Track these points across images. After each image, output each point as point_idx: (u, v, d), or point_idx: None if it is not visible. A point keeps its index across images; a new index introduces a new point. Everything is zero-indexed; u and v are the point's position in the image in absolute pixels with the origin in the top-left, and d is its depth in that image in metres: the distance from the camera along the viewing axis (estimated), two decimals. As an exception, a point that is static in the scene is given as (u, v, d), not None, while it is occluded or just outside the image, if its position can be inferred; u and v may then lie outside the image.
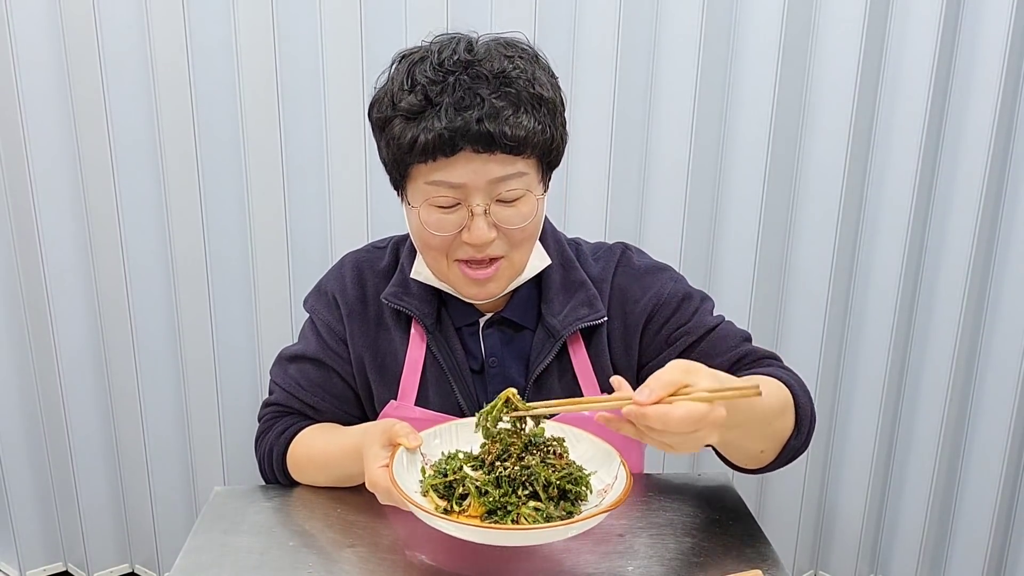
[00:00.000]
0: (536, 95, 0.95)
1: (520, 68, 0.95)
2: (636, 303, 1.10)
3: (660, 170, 1.69)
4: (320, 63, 1.60)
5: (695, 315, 1.09)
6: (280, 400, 1.16)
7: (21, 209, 1.68)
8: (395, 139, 0.95)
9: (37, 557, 1.92)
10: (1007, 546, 1.80)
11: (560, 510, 0.85)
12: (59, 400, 1.78)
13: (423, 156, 0.93)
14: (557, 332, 1.07)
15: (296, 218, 1.70)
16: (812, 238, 1.72)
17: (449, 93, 0.92)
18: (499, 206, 0.97)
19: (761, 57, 1.61)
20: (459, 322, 1.10)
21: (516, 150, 0.94)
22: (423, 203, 0.97)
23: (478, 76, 0.93)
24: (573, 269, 1.10)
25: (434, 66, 0.94)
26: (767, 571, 0.92)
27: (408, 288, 1.09)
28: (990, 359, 1.72)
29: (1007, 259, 1.66)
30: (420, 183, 0.97)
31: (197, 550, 0.98)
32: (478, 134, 0.91)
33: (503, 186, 0.95)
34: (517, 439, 0.88)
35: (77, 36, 1.57)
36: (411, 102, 0.93)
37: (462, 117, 0.91)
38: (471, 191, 0.95)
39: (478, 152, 0.93)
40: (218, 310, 1.74)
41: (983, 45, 1.56)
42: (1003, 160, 1.62)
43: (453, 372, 1.08)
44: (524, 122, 0.93)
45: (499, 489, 0.84)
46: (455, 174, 0.94)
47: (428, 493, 0.88)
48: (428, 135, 0.92)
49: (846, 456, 1.86)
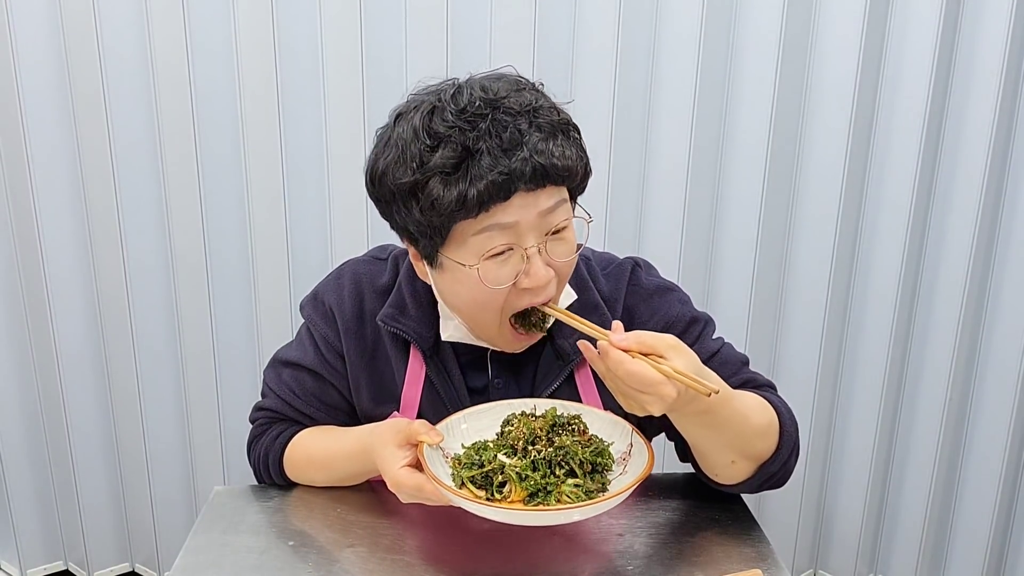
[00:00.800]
0: (563, 120, 0.92)
1: (538, 98, 0.92)
2: (643, 325, 1.07)
3: (660, 170, 1.69)
4: (320, 63, 1.60)
5: (699, 339, 1.09)
6: (274, 406, 1.14)
7: (21, 208, 1.68)
8: (435, 202, 0.86)
9: (37, 556, 1.92)
10: (1007, 546, 1.81)
11: (596, 483, 0.88)
12: (59, 399, 1.79)
13: (476, 209, 0.86)
14: (567, 356, 1.04)
15: (296, 218, 1.70)
16: (812, 237, 1.72)
17: (487, 138, 0.86)
18: (550, 242, 0.93)
19: (761, 57, 1.61)
20: (463, 352, 1.07)
21: (565, 180, 0.91)
22: (480, 260, 0.90)
23: (511, 113, 0.88)
24: (588, 291, 1.07)
25: (455, 113, 0.87)
26: (767, 571, 0.92)
27: (405, 310, 1.05)
28: (990, 359, 1.72)
29: (1007, 258, 1.66)
30: (468, 239, 0.89)
31: (197, 549, 0.98)
32: (533, 172, 0.86)
33: (552, 218, 0.91)
34: (542, 422, 0.91)
35: (77, 36, 1.57)
36: (446, 156, 0.86)
37: (514, 157, 0.86)
38: (523, 230, 0.90)
39: (529, 190, 0.88)
40: (218, 310, 1.75)
41: (983, 44, 1.56)
42: (1003, 159, 1.62)
43: (450, 396, 1.07)
44: (566, 151, 0.90)
45: (537, 472, 0.87)
46: (507, 215, 0.88)
47: (464, 486, 0.89)
48: (479, 186, 0.85)
49: (845, 456, 1.86)
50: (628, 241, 1.72)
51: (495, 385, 1.07)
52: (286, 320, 1.74)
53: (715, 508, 1.06)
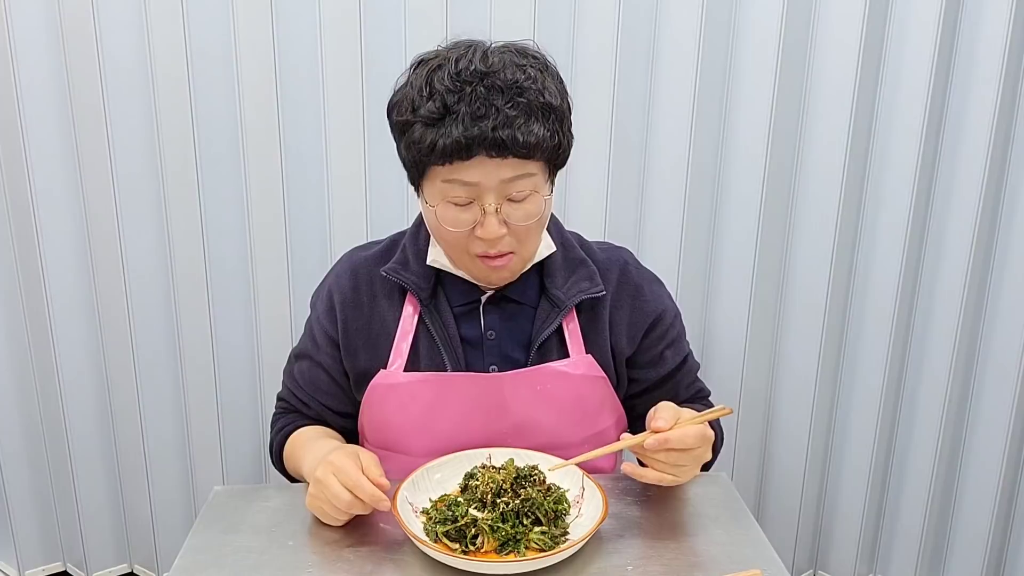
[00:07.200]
0: (546, 104, 1.02)
1: (532, 78, 1.02)
2: (646, 302, 1.20)
3: (659, 170, 1.69)
4: (319, 64, 1.60)
5: (679, 337, 1.25)
6: (284, 396, 1.27)
7: (20, 211, 1.68)
8: (415, 143, 1.02)
9: (36, 557, 1.92)
10: (1006, 545, 1.81)
11: (559, 528, 0.97)
12: (58, 400, 1.78)
13: (441, 159, 1.00)
14: (561, 302, 1.14)
15: (295, 219, 1.70)
16: (811, 237, 1.72)
17: (466, 103, 0.98)
18: (509, 205, 1.04)
19: (760, 57, 1.61)
20: (457, 301, 1.16)
21: (527, 155, 1.01)
22: (440, 202, 1.04)
23: (493, 87, 0.99)
24: (572, 249, 1.19)
25: (451, 75, 1.00)
26: (767, 571, 0.92)
27: (407, 265, 1.16)
28: (989, 359, 1.72)
29: (1006, 258, 1.67)
30: (437, 182, 1.04)
31: (196, 550, 0.98)
32: (492, 141, 0.98)
33: (513, 186, 1.03)
34: (505, 474, 0.99)
35: (76, 38, 1.57)
36: (430, 109, 0.99)
37: (478, 126, 0.98)
38: (484, 190, 1.02)
39: (491, 156, 1.00)
40: (217, 310, 1.74)
41: (982, 44, 1.56)
42: (1002, 159, 1.62)
43: (444, 343, 1.14)
44: (535, 130, 1.00)
45: (507, 523, 0.94)
46: (470, 175, 1.01)
47: (438, 540, 0.95)
48: (447, 140, 0.98)
49: (845, 456, 1.87)
50: (628, 241, 1.71)
51: (488, 337, 1.15)
52: (286, 321, 1.74)
53: (715, 508, 1.06)
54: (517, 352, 1.15)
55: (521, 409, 1.13)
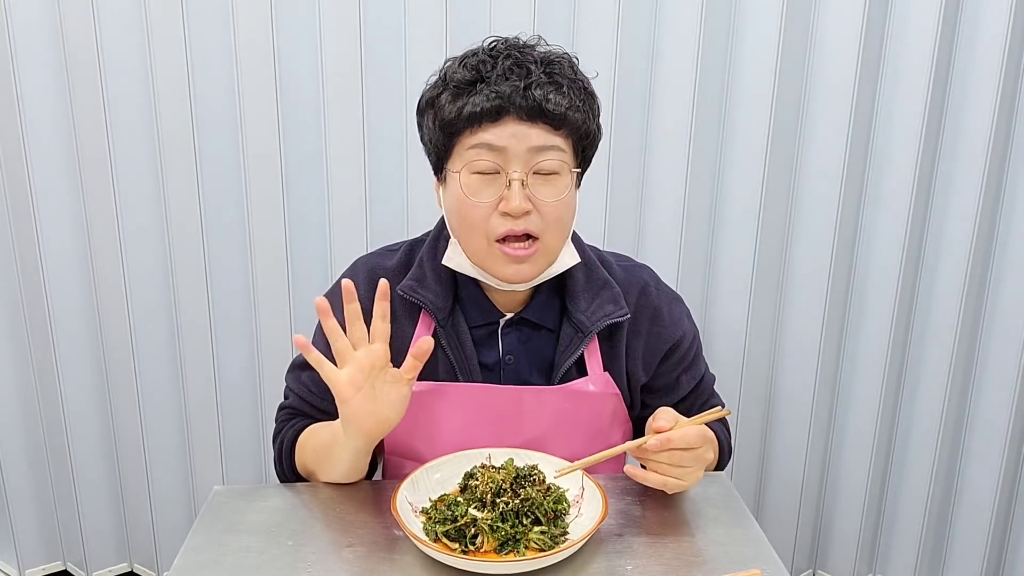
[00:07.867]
0: (579, 81, 1.03)
1: (562, 59, 1.03)
2: (664, 327, 1.16)
3: (659, 170, 1.69)
4: (319, 65, 1.60)
5: (693, 362, 1.21)
6: (293, 404, 1.20)
7: (20, 210, 1.68)
8: (442, 110, 1.01)
9: (36, 556, 1.92)
10: (1006, 545, 1.81)
11: (559, 528, 0.96)
12: (58, 399, 1.79)
13: (470, 122, 0.99)
14: (585, 327, 1.10)
15: (295, 219, 1.70)
16: (811, 237, 1.72)
17: (498, 69, 0.99)
18: (536, 180, 1.01)
19: (760, 57, 1.61)
20: (475, 321, 1.12)
21: (556, 123, 1.00)
22: (463, 168, 1.01)
23: (528, 57, 1.00)
24: (595, 269, 1.14)
25: (485, 51, 1.02)
26: (767, 571, 0.92)
27: (424, 282, 1.11)
28: (989, 358, 1.73)
29: (1006, 258, 1.67)
30: (463, 150, 1.01)
31: (196, 550, 0.98)
32: (523, 101, 0.97)
33: (541, 156, 1.00)
34: (505, 474, 0.99)
35: (76, 39, 1.57)
36: (463, 75, 1.00)
37: (510, 84, 0.97)
38: (511, 157, 0.99)
39: (521, 120, 0.98)
40: (217, 310, 1.74)
41: (982, 44, 1.56)
42: (1002, 159, 1.62)
43: (460, 364, 1.10)
44: (565, 100, 0.99)
45: (507, 523, 0.94)
46: (498, 137, 0.99)
47: (438, 539, 0.95)
48: (476, 100, 0.98)
49: (844, 456, 1.87)
50: (628, 241, 1.72)
51: (506, 361, 1.12)
52: (285, 321, 1.74)
53: (715, 508, 1.06)
54: (536, 377, 1.12)
55: (537, 426, 1.11)
